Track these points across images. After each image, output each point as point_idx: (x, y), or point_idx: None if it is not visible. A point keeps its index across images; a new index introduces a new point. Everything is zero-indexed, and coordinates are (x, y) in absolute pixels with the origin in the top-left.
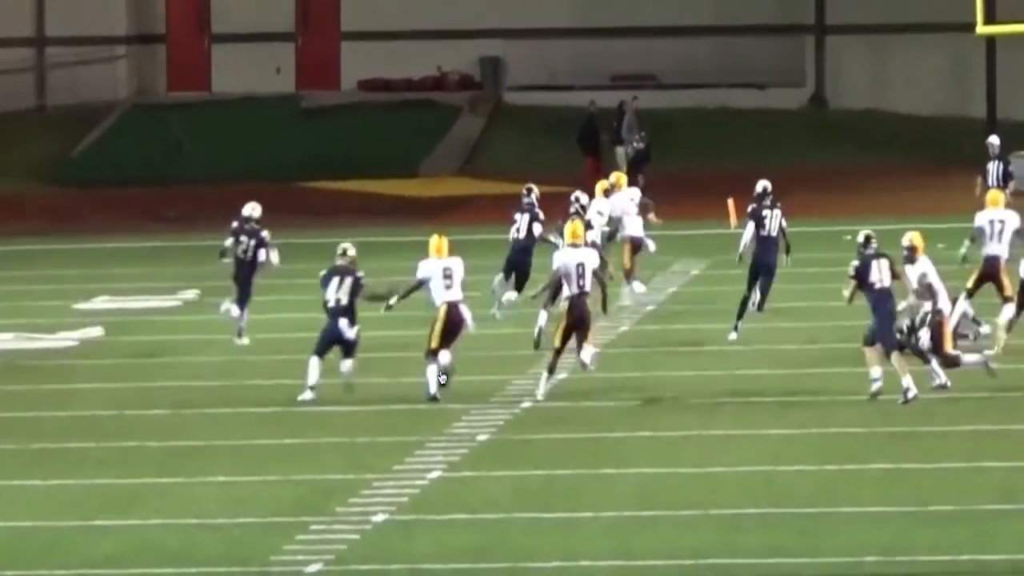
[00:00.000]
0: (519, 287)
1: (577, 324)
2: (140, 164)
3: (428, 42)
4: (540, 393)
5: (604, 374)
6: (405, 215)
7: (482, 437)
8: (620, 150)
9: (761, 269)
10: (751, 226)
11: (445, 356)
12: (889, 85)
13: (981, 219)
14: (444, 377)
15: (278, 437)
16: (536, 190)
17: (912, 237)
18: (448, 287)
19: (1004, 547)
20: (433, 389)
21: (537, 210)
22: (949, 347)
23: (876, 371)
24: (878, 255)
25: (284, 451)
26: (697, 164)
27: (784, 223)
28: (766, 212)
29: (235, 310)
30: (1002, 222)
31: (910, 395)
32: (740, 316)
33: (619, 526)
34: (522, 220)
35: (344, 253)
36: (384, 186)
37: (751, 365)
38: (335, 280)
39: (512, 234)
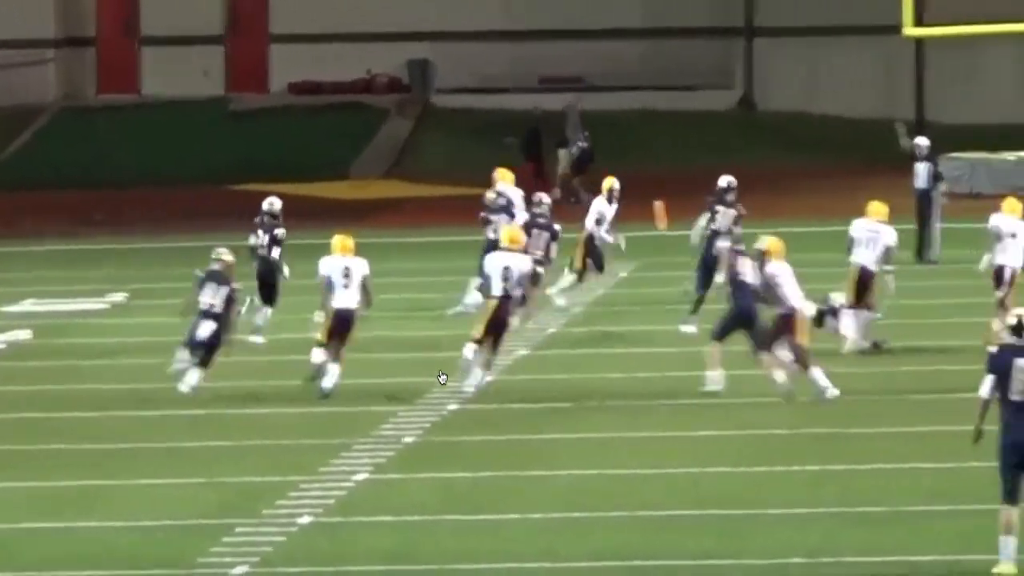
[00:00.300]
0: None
1: (496, 325)
2: (69, 167)
3: (356, 45)
4: (471, 383)
5: (531, 376)
6: (334, 217)
7: (408, 439)
8: (563, 152)
9: (710, 262)
10: (705, 217)
11: (318, 356)
12: (818, 87)
13: (996, 221)
14: (322, 379)
15: (204, 439)
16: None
17: (768, 242)
18: (345, 286)
19: (932, 548)
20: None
21: (515, 211)
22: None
23: (779, 374)
24: (742, 252)
25: (210, 453)
26: (625, 166)
27: (735, 225)
28: (720, 208)
29: (261, 309)
30: (876, 232)
31: (782, 389)
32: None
33: (546, 528)
34: (498, 221)
35: (219, 258)
36: (313, 188)
37: (679, 367)
38: (211, 286)
39: (489, 235)
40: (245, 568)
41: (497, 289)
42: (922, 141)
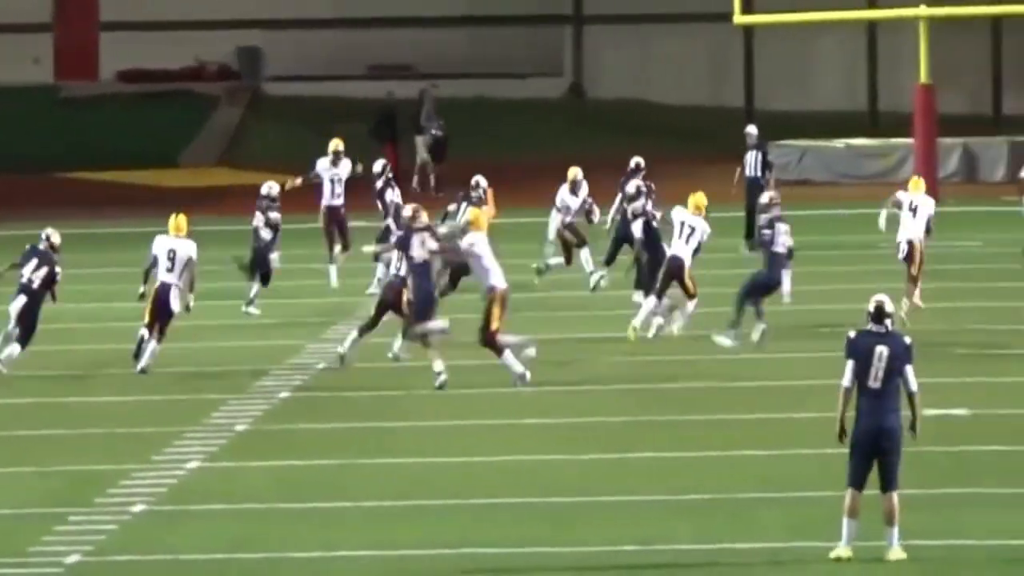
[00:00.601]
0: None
1: (391, 304)
2: None
3: (186, 32)
4: (344, 347)
5: (361, 364)
6: (164, 205)
7: (240, 427)
8: (419, 139)
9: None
10: (619, 199)
11: (143, 333)
12: (647, 75)
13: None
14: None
15: (35, 428)
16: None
17: (471, 213)
18: (168, 268)
19: (762, 535)
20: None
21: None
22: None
23: (438, 364)
24: (417, 229)
25: (41, 442)
26: (455, 155)
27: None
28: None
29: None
30: (692, 227)
31: (440, 380)
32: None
33: (379, 516)
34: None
35: (48, 238)
36: (144, 176)
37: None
38: (34, 261)
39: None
40: (78, 557)
41: (392, 268)
42: (751, 129)
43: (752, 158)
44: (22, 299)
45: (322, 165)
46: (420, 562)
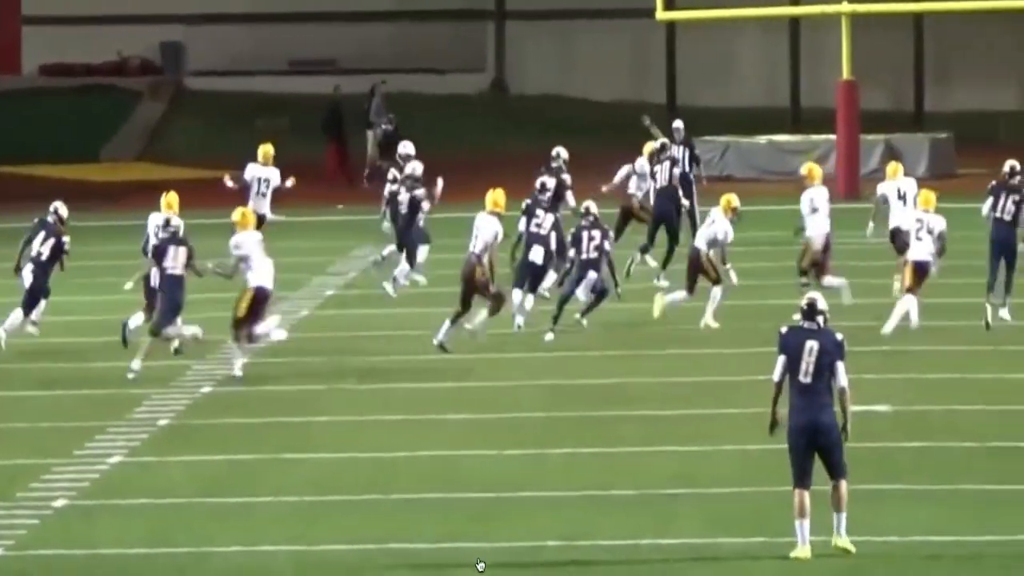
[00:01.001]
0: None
1: (468, 280)
2: None
3: (109, 27)
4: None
5: (285, 359)
6: (87, 200)
7: (163, 422)
8: (370, 133)
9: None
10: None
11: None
12: (570, 70)
13: (883, 188)
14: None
15: None
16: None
17: (236, 212)
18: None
19: (682, 531)
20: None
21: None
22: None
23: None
24: (175, 239)
25: None
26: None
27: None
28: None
29: None
30: (713, 220)
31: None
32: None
33: (299, 511)
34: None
35: (55, 212)
36: (66, 171)
37: (430, 350)
38: (42, 234)
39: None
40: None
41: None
42: (678, 124)
43: (680, 153)
44: (32, 270)
45: (252, 170)
46: (341, 556)
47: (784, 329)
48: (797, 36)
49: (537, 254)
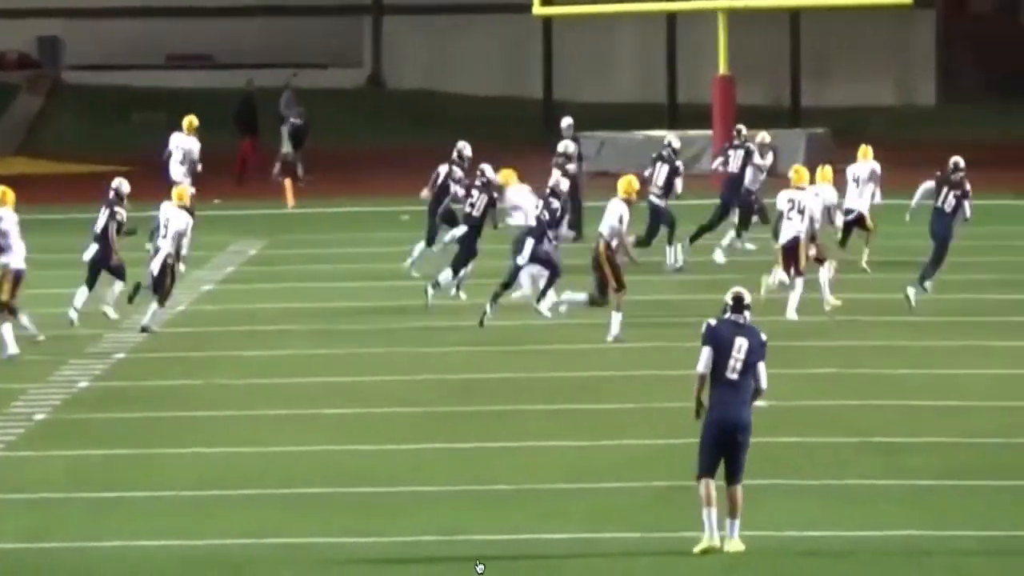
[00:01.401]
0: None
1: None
2: None
3: None
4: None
5: (161, 353)
6: None
7: (39, 416)
8: (283, 127)
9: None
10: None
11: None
12: (447, 66)
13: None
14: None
15: None
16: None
17: None
18: (163, 236)
19: (567, 526)
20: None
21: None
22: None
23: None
24: None
25: None
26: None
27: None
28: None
29: None
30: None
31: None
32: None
33: (180, 506)
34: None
35: (117, 189)
36: None
37: (306, 345)
38: (104, 210)
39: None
40: None
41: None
42: (566, 121)
43: (573, 150)
44: (94, 247)
45: (175, 139)
46: (224, 551)
47: (713, 322)
48: (674, 32)
49: (460, 231)
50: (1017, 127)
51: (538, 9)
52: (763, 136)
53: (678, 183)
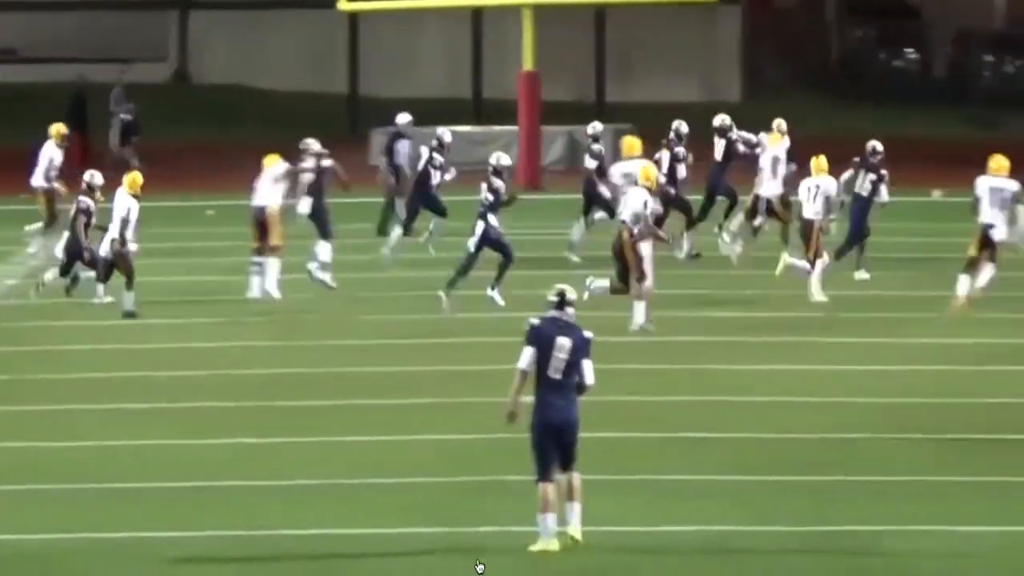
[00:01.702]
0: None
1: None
2: None
3: None
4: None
5: (12, 348)
6: None
7: None
8: (113, 122)
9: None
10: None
11: None
12: (253, 61)
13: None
14: None
15: None
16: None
17: None
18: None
19: (375, 521)
20: None
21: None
22: None
23: None
24: None
25: None
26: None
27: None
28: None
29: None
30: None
31: None
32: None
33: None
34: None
35: (90, 182)
36: None
37: (114, 339)
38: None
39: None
40: None
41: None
42: (402, 118)
43: (404, 147)
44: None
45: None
46: (28, 545)
47: (536, 321)
48: (480, 27)
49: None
50: (822, 121)
51: (343, 4)
52: (595, 125)
53: (680, 169)
